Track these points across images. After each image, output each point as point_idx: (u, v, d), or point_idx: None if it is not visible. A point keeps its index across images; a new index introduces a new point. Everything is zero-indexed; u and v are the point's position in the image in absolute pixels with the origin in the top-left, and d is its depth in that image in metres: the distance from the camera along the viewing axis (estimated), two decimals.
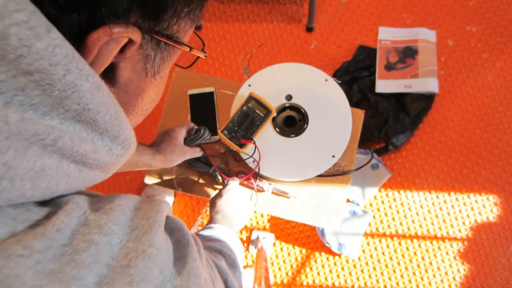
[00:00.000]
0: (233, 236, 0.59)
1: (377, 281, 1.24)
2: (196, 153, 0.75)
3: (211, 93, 0.87)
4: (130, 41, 0.24)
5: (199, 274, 0.27)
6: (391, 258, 1.25)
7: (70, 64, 0.19)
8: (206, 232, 0.57)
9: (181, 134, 0.71)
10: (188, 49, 0.30)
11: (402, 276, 1.24)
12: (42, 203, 0.22)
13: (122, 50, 0.24)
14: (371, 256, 1.26)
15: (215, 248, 0.49)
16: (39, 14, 0.18)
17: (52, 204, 0.22)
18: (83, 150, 0.22)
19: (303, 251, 1.27)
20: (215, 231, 0.57)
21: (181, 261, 0.27)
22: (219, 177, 0.78)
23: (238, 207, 0.70)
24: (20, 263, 0.18)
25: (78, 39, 0.21)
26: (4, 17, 0.16)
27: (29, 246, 0.18)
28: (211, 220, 0.66)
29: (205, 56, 0.35)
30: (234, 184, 0.74)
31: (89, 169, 0.24)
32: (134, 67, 0.27)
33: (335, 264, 1.25)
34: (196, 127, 0.73)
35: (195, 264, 0.27)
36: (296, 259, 1.27)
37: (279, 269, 1.26)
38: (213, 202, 0.70)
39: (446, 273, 1.23)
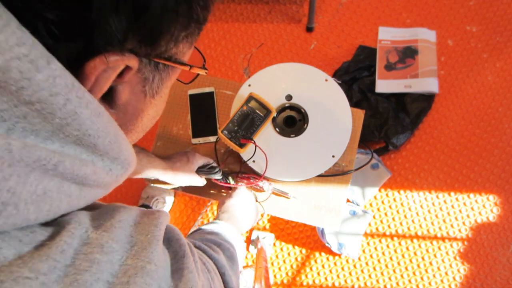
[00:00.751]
0: (235, 233, 0.60)
1: (377, 281, 1.24)
2: (203, 182, 0.79)
3: (211, 93, 0.87)
4: (128, 67, 0.24)
5: (195, 285, 0.29)
6: (391, 258, 1.25)
7: (70, 94, 0.20)
8: (208, 226, 0.58)
9: (198, 162, 0.76)
10: (187, 68, 0.30)
11: (402, 276, 1.24)
12: (46, 223, 0.23)
13: (120, 74, 0.25)
14: (371, 256, 1.26)
15: (214, 241, 0.50)
16: (40, 46, 0.18)
17: (55, 224, 0.23)
18: (83, 173, 0.23)
19: (303, 251, 1.27)
20: (218, 226, 0.58)
21: (178, 274, 0.28)
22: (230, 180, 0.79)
23: (246, 210, 0.72)
24: (27, 285, 0.18)
25: (76, 67, 0.22)
26: (5, 51, 0.17)
27: (34, 268, 0.19)
28: (217, 218, 0.68)
29: (206, 73, 0.35)
30: (243, 187, 0.77)
31: (89, 188, 0.25)
32: (133, 90, 0.27)
33: (335, 264, 1.25)
34: (214, 164, 0.78)
35: (191, 276, 0.28)
36: (296, 259, 1.27)
37: (279, 269, 1.26)
38: (222, 202, 0.72)
39: (446, 273, 1.23)
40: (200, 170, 0.76)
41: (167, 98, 0.35)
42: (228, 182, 0.78)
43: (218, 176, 0.77)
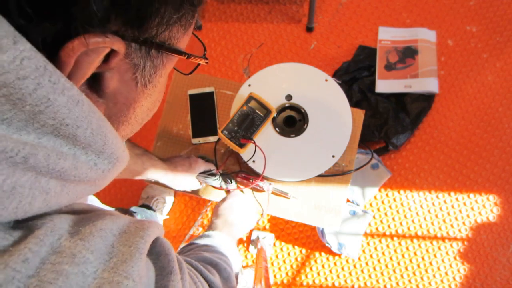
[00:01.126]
0: (230, 245, 0.58)
1: (377, 281, 1.24)
2: (200, 187, 0.80)
3: (211, 93, 0.87)
4: (113, 51, 0.22)
5: None
6: (391, 258, 1.25)
7: (41, 78, 0.18)
8: (203, 241, 0.56)
9: (200, 168, 0.76)
10: (184, 56, 0.28)
11: (402, 276, 1.24)
12: (14, 226, 0.21)
13: (107, 59, 0.23)
14: (371, 256, 1.26)
15: (210, 261, 0.48)
16: (6, 25, 0.17)
17: (25, 227, 0.21)
18: (60, 167, 0.21)
19: (303, 251, 1.27)
20: (213, 241, 0.56)
21: None
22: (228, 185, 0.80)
23: (241, 214, 0.70)
24: None
25: (53, 50, 0.20)
26: None
27: None
28: (210, 225, 0.65)
29: (206, 62, 0.33)
30: (239, 192, 0.76)
31: (73, 184, 0.23)
32: (122, 77, 0.25)
33: (335, 264, 1.25)
34: (214, 171, 0.78)
35: None
36: (296, 259, 1.27)
37: (279, 269, 1.26)
38: (216, 206, 0.71)
39: (446, 273, 1.23)
40: (199, 175, 0.76)
41: (163, 89, 0.32)
42: (227, 183, 0.78)
43: (216, 184, 0.77)
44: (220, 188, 0.80)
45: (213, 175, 0.77)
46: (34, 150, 0.19)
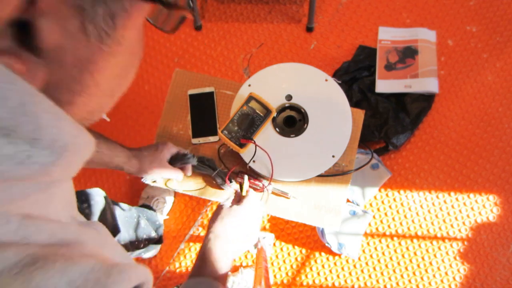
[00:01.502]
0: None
1: (377, 281, 1.24)
2: (178, 175, 0.73)
3: (211, 93, 0.87)
4: None
5: None
6: (391, 258, 1.25)
7: None
8: None
9: (170, 150, 0.70)
10: (155, 2, 0.20)
11: (402, 276, 1.24)
12: None
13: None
14: (371, 256, 1.26)
15: None
16: None
17: None
18: None
19: (303, 251, 1.27)
20: None
21: None
22: (225, 182, 0.79)
23: (245, 229, 0.59)
24: None
25: None
26: None
27: None
28: (205, 253, 0.53)
29: (192, 12, 0.25)
30: (254, 197, 0.63)
31: (6, 184, 0.17)
32: (64, 27, 0.17)
33: (335, 264, 1.25)
34: (186, 152, 0.75)
35: None
36: (296, 259, 1.27)
37: (279, 269, 1.26)
38: (219, 208, 0.59)
39: (446, 273, 1.23)
40: (174, 160, 0.73)
41: (137, 51, 0.23)
42: (227, 183, 0.78)
43: (193, 161, 0.75)
44: (220, 187, 0.80)
45: (185, 155, 0.74)
46: None
